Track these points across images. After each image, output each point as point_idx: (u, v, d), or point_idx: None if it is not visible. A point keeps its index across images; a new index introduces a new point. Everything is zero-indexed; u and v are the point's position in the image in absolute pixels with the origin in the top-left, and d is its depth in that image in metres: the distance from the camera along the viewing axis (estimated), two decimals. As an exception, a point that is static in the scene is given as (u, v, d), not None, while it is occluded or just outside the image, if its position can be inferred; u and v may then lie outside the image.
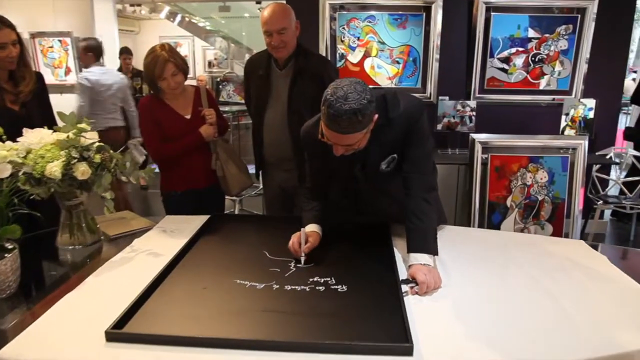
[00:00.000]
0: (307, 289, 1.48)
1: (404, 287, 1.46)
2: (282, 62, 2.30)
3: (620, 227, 4.47)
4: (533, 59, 3.79)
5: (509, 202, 3.42)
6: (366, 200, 1.89)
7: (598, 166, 3.93)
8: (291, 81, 2.27)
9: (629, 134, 4.52)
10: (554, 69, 3.80)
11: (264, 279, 1.54)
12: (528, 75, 3.83)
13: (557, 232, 3.47)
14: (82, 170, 1.65)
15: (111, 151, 1.77)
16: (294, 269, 1.63)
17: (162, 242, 1.87)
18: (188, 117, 2.31)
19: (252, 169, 2.57)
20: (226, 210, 2.78)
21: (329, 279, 1.54)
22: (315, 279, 1.54)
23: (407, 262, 1.62)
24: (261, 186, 2.79)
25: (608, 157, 3.91)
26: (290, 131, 2.31)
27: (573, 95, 3.83)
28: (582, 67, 3.75)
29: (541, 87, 3.85)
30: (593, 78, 3.79)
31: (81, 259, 1.77)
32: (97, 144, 1.73)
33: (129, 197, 4.37)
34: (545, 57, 3.78)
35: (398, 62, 3.88)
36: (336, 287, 1.49)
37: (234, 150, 2.51)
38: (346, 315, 1.33)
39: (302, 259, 1.65)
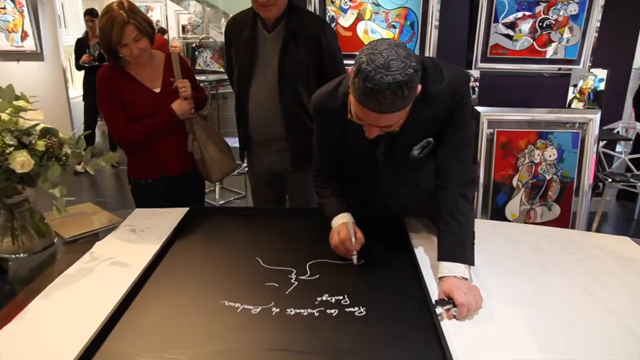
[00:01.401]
0: (316, 314, 1.16)
1: (438, 310, 1.16)
2: (271, 23, 1.93)
3: (621, 205, 4.28)
4: (540, 24, 3.47)
5: (515, 182, 3.16)
6: (382, 191, 1.56)
7: (604, 142, 3.69)
8: (282, 46, 1.90)
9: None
10: (562, 35, 3.49)
11: (259, 298, 1.22)
12: (534, 43, 3.51)
13: (565, 213, 3.24)
14: (21, 161, 1.28)
15: (61, 135, 1.40)
16: (296, 282, 1.31)
17: (130, 245, 1.53)
18: (157, 90, 1.93)
19: (232, 143, 2.19)
20: (206, 194, 2.41)
21: (341, 297, 1.23)
22: (324, 298, 1.23)
23: (435, 271, 1.32)
24: (245, 165, 2.42)
25: (615, 131, 3.67)
26: (281, 106, 1.96)
27: (581, 65, 3.54)
28: (592, 35, 3.45)
29: (548, 56, 3.55)
30: (602, 47, 3.50)
31: (26, 273, 1.42)
32: (42, 126, 1.35)
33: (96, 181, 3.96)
34: (553, 22, 3.46)
35: (394, 27, 3.51)
36: (352, 309, 1.18)
37: (214, 129, 2.14)
38: (372, 351, 1.02)
39: (355, 258, 1.36)
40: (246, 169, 2.47)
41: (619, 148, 3.92)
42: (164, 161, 1.98)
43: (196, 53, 3.91)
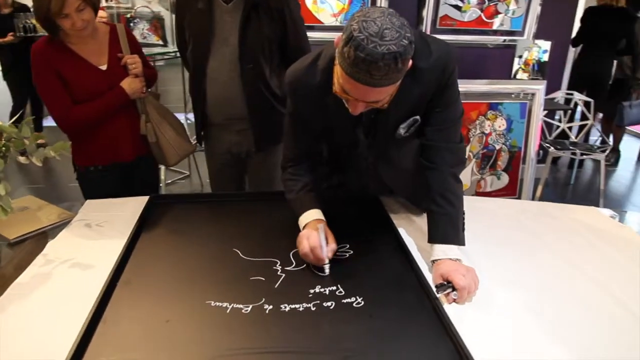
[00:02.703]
0: (313, 308, 1.09)
1: (439, 295, 1.12)
2: (229, -7, 1.77)
3: (555, 171, 4.50)
4: (488, -6, 3.49)
5: (466, 153, 3.20)
6: (361, 171, 1.49)
7: (545, 111, 3.82)
8: (243, 19, 1.74)
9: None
10: (508, 7, 3.52)
11: (247, 295, 1.12)
12: (482, 14, 3.53)
13: (513, 182, 3.35)
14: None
15: (1, 123, 1.20)
16: (283, 274, 1.22)
17: (89, 243, 1.37)
18: (104, 67, 1.72)
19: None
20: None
21: (334, 288, 1.16)
22: (317, 290, 1.15)
23: (423, 252, 1.29)
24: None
25: (556, 101, 3.81)
26: (243, 83, 1.81)
27: (525, 37, 3.60)
28: (536, 7, 3.52)
29: (494, 27, 3.58)
30: (545, 19, 3.58)
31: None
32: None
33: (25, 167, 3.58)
34: (500, -7, 3.49)
35: (343, -3, 3.40)
36: (348, 300, 1.12)
37: (167, 108, 1.96)
38: (380, 346, 0.97)
39: (327, 268, 1.22)
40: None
41: (556, 117, 4.08)
42: (115, 146, 1.79)
43: (131, 25, 3.60)
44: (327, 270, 1.22)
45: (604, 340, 1.01)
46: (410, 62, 1.07)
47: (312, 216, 1.31)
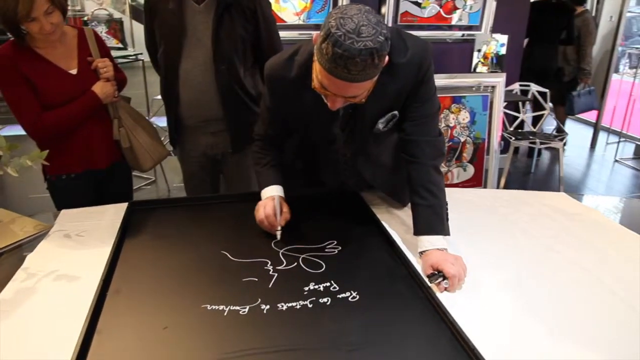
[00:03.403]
0: (309, 305, 1.10)
1: (431, 285, 1.15)
2: (199, -7, 1.75)
3: (516, 160, 4.67)
4: (445, -9, 3.58)
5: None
6: (339, 166, 1.51)
7: (505, 103, 3.96)
8: (216, 19, 1.73)
9: None
10: (465, 2, 3.63)
11: (243, 297, 1.12)
12: (441, 10, 3.62)
13: (478, 172, 3.45)
14: None
15: (-28, 133, 1.15)
16: (276, 274, 1.23)
17: (71, 254, 1.33)
18: (74, 72, 1.67)
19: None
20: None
21: (328, 284, 1.18)
22: (311, 287, 1.16)
23: (408, 244, 1.32)
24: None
25: (514, 92, 3.95)
26: (217, 84, 1.80)
27: (483, 31, 3.72)
28: (492, 2, 3.64)
29: (453, 22, 3.68)
30: (501, 13, 3.71)
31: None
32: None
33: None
34: (457, -11, 3.59)
35: (306, -5, 3.42)
36: (343, 295, 1.14)
37: (141, 113, 1.92)
38: (381, 338, 0.99)
39: (279, 234, 1.34)
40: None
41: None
42: (88, 153, 1.74)
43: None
44: (278, 236, 1.36)
45: (580, 312, 1.09)
46: (387, 58, 1.10)
47: (272, 192, 1.42)
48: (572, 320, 1.06)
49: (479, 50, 3.64)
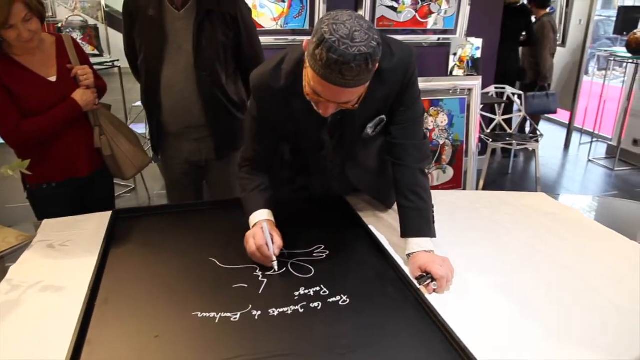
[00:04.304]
0: (300, 310, 1.11)
1: (420, 287, 1.17)
2: (179, 0, 1.74)
3: (493, 162, 4.75)
4: (421, -4, 3.64)
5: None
6: (327, 173, 1.52)
7: (482, 105, 4.03)
8: (197, 25, 1.72)
9: None
10: (440, 7, 3.69)
11: (233, 303, 1.12)
12: (417, 14, 3.68)
13: (457, 174, 3.50)
14: None
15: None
16: (265, 280, 1.23)
17: (56, 265, 1.31)
18: (53, 79, 1.64)
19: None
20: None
21: (318, 288, 1.18)
22: (302, 292, 1.17)
23: (396, 247, 1.34)
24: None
25: (490, 95, 4.03)
26: (199, 90, 1.80)
27: (458, 34, 3.79)
28: (466, 6, 3.71)
29: (429, 27, 3.74)
30: (475, 17, 3.78)
31: None
32: None
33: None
34: (432, -7, 3.65)
35: (283, 1, 3.42)
36: (334, 299, 1.15)
37: (121, 120, 1.90)
38: (373, 340, 1.00)
39: (275, 265, 1.26)
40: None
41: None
42: (70, 161, 1.71)
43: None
44: (276, 267, 1.25)
45: (564, 307, 1.12)
46: (377, 64, 1.12)
47: (261, 216, 1.33)
48: (561, 318, 1.09)
49: (455, 54, 3.70)
